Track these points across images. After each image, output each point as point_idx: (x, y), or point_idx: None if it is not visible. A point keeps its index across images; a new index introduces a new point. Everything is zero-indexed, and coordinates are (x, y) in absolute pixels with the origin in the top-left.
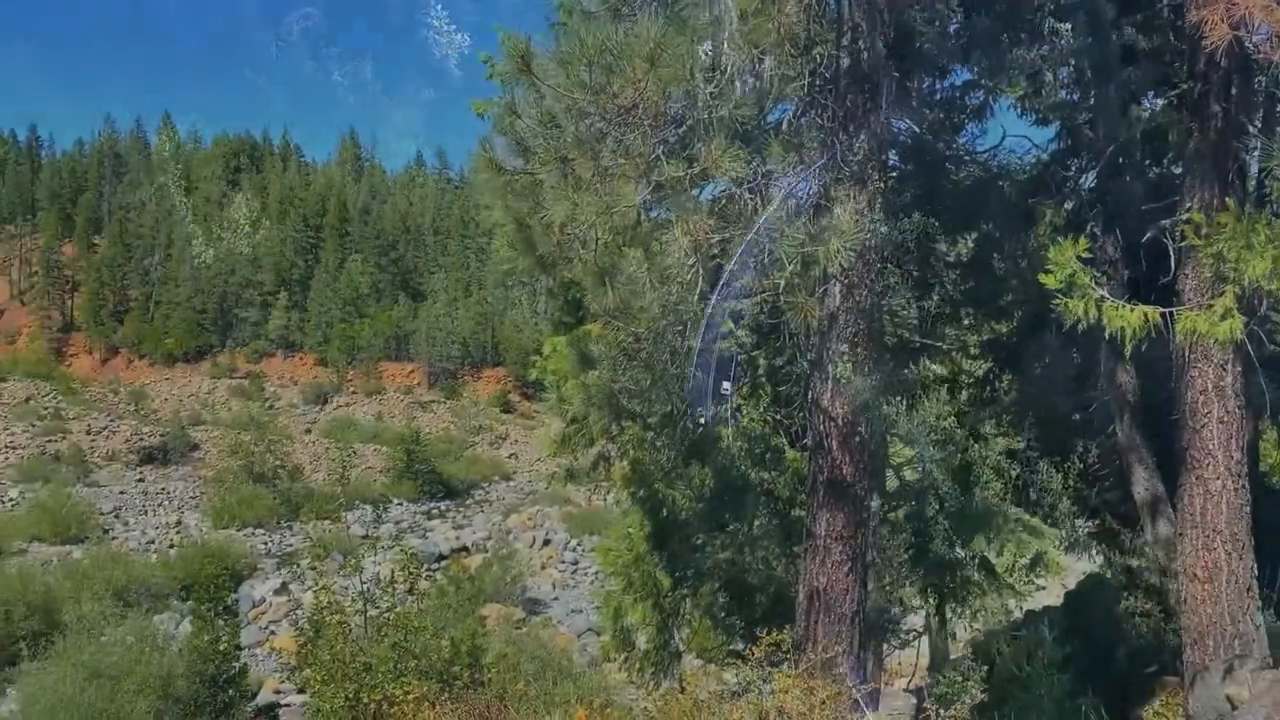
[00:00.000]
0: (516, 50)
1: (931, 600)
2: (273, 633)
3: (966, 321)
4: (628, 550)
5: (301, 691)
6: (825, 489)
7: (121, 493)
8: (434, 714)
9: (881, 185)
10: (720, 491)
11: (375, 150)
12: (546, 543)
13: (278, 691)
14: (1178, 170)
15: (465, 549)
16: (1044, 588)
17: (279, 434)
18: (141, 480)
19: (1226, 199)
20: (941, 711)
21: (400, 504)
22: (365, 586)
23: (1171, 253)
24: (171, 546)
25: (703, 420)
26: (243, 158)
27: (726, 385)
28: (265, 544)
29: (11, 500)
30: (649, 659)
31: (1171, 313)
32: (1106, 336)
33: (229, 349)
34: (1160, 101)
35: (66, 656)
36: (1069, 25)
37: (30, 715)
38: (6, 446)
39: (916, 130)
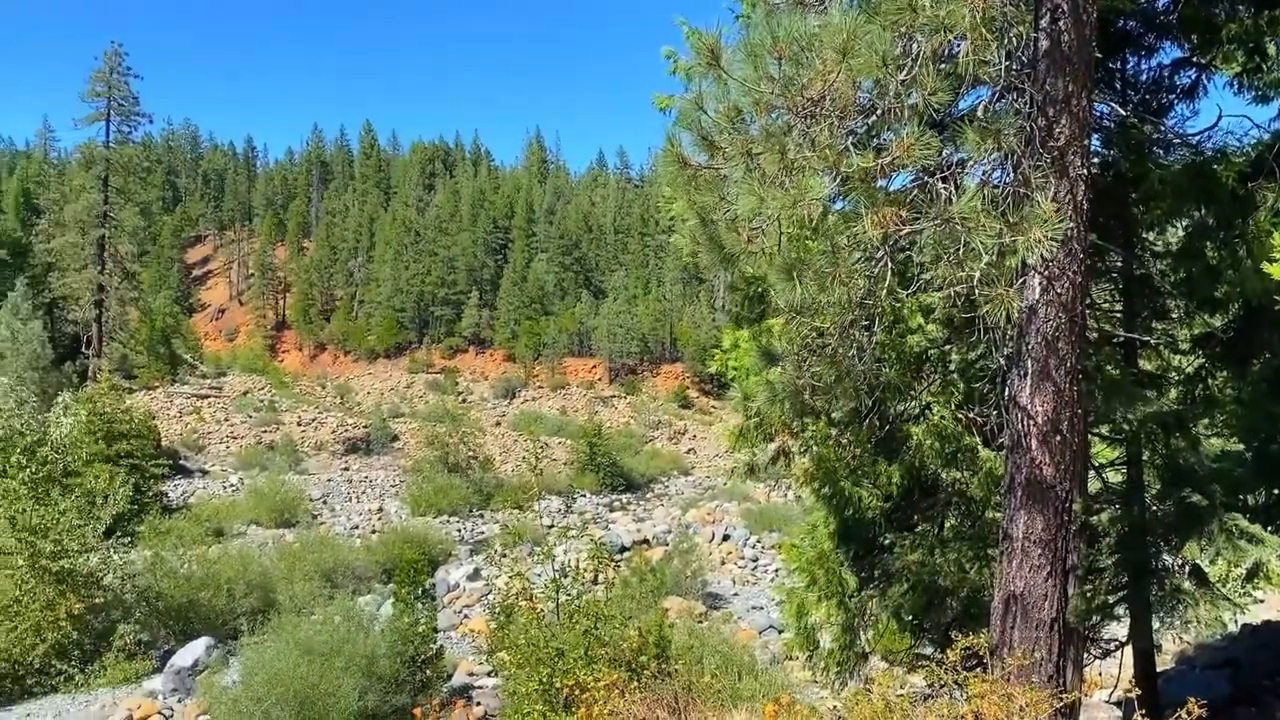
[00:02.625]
0: (705, 45)
1: (1137, 609)
2: (466, 617)
3: (1176, 314)
4: (811, 547)
5: (493, 674)
6: (1024, 490)
7: (328, 480)
8: (623, 702)
9: (1084, 172)
10: (909, 491)
11: (560, 151)
12: (726, 538)
13: (471, 674)
14: None
15: (646, 541)
16: (1262, 600)
17: (471, 426)
18: (346, 469)
19: None
20: None
21: (584, 495)
22: (556, 574)
23: None
24: (374, 532)
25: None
26: (437, 163)
27: None
28: (459, 531)
29: (233, 486)
30: (833, 658)
31: None
32: None
33: (426, 345)
34: None
35: (281, 633)
36: None
37: (250, 686)
38: (228, 436)
39: (1121, 113)
